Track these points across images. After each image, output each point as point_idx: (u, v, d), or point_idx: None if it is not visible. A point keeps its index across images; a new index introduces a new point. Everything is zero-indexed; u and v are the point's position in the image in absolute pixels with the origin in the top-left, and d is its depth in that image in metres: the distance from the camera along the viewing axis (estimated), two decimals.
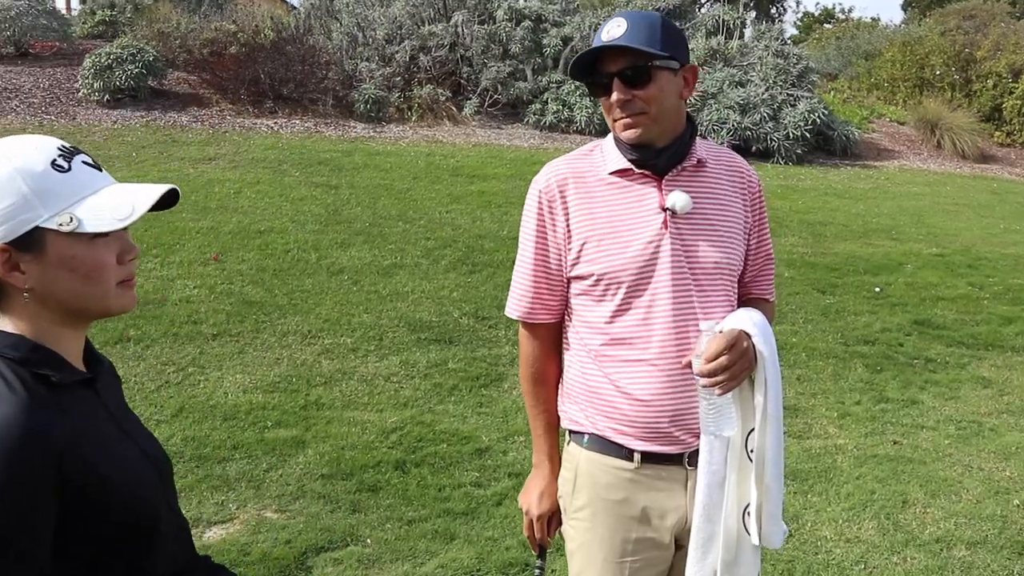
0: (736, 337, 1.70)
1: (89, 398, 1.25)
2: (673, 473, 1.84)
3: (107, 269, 1.22)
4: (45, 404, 1.15)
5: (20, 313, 1.21)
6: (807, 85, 13.03)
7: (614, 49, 1.75)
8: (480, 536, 3.46)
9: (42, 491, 1.11)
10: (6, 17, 10.96)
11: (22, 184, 1.16)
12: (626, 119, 1.78)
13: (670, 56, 1.77)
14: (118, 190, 1.23)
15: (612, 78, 1.76)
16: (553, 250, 1.88)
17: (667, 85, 1.78)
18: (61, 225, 1.16)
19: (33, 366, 1.17)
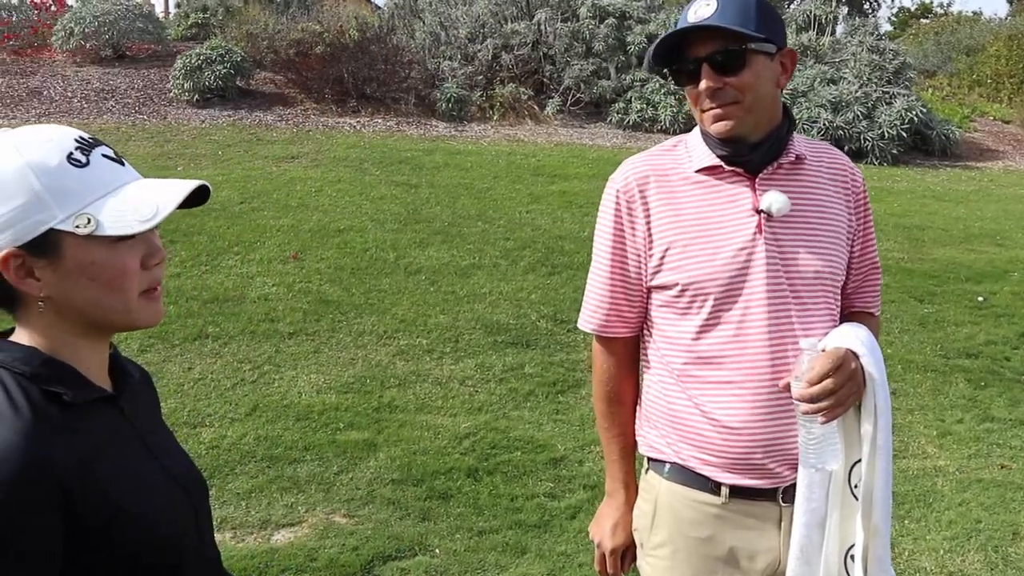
0: (842, 357, 1.50)
1: (110, 416, 1.13)
2: (765, 510, 1.63)
3: (130, 276, 1.09)
4: (52, 427, 1.03)
5: (35, 323, 1.10)
6: (904, 82, 12.44)
7: (703, 30, 1.55)
8: (552, 551, 3.33)
9: (45, 525, 1.00)
10: (106, 21, 11.33)
11: (34, 181, 1.03)
12: (716, 110, 1.59)
13: (766, 38, 1.56)
14: (142, 187, 1.09)
15: (700, 64, 1.57)
16: (632, 257, 1.69)
17: (763, 71, 1.58)
18: (78, 227, 1.04)
19: (44, 382, 1.06)
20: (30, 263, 1.06)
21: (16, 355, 1.08)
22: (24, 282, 1.06)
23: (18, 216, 1.04)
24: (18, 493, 0.97)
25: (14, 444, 0.99)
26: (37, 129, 1.09)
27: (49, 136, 1.07)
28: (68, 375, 1.09)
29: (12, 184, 1.04)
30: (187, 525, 1.17)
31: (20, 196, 1.03)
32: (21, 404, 1.03)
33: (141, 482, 1.12)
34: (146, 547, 1.09)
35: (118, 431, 1.13)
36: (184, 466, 1.23)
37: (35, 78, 10.81)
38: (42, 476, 0.99)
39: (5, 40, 11.73)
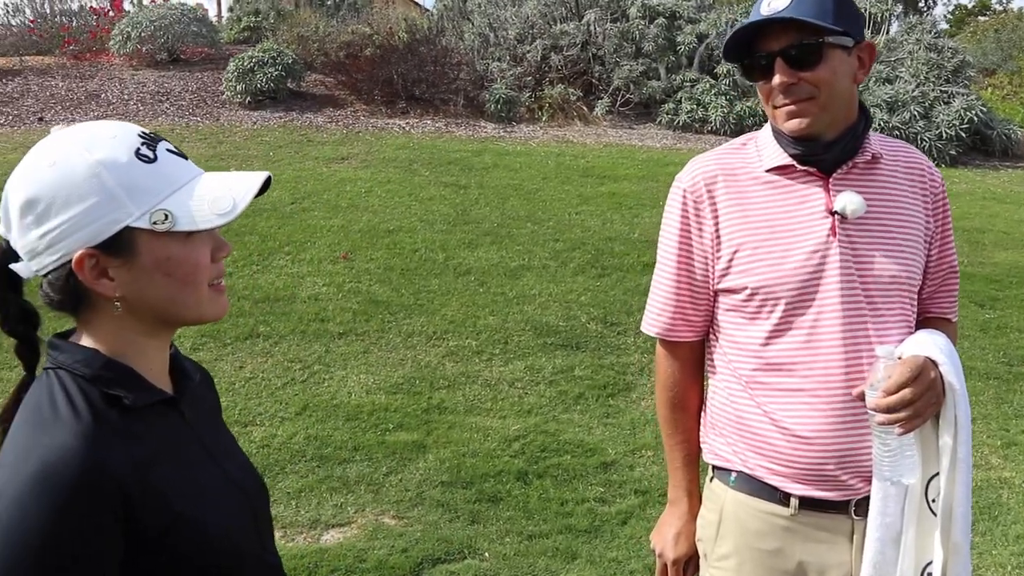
0: (921, 366, 1.43)
1: (170, 420, 1.11)
2: (836, 523, 1.57)
3: (203, 269, 1.08)
4: (112, 431, 1.02)
5: (102, 325, 1.08)
6: (963, 81, 12.10)
7: (777, 23, 1.48)
8: (604, 557, 3.28)
9: (104, 536, 0.98)
10: (162, 25, 11.53)
11: (108, 179, 1.01)
12: (790, 107, 1.52)
13: (844, 31, 1.50)
14: (211, 181, 1.08)
15: (773, 58, 1.51)
16: (698, 258, 1.63)
17: (840, 66, 1.51)
18: (156, 224, 1.02)
19: (104, 385, 1.04)
20: (104, 263, 1.04)
21: (77, 357, 1.06)
22: (98, 283, 1.04)
23: (92, 216, 1.02)
24: (77, 498, 0.96)
25: (74, 448, 0.97)
26: (99, 126, 1.07)
27: (114, 133, 1.06)
28: (129, 378, 1.07)
29: (85, 183, 1.02)
30: (246, 531, 1.15)
31: (93, 195, 1.02)
32: (81, 407, 1.01)
33: (201, 487, 1.09)
34: (205, 553, 1.06)
35: (178, 435, 1.11)
36: (244, 470, 1.21)
37: (93, 81, 11.05)
38: (101, 481, 0.98)
39: (66, 45, 12.02)
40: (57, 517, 0.94)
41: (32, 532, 0.94)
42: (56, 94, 10.55)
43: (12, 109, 10.05)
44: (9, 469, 0.97)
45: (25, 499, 0.94)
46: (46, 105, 10.20)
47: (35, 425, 1.00)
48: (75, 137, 1.05)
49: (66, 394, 1.02)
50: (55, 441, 0.97)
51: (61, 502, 0.94)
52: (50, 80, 11.02)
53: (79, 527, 0.96)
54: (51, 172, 1.02)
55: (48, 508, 0.94)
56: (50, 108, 10.11)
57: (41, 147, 1.05)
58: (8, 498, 0.95)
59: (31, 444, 0.98)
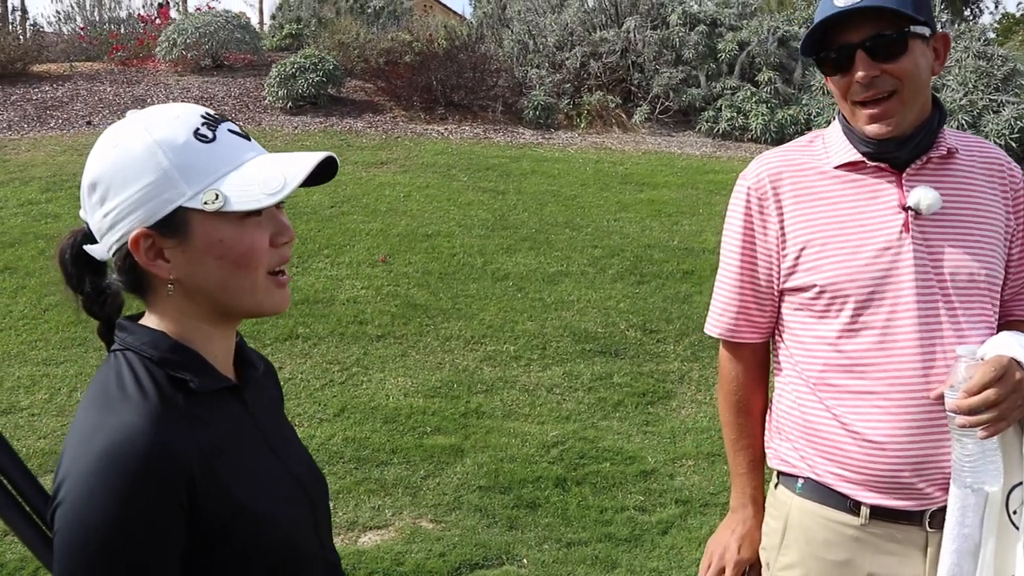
0: (1006, 366, 1.35)
1: (234, 409, 1.09)
2: (909, 534, 1.49)
3: (259, 254, 1.05)
4: (180, 414, 1.00)
5: (164, 308, 1.06)
6: (1013, 89, 11.85)
7: (857, 13, 1.41)
8: (644, 567, 3.21)
9: (168, 519, 0.95)
10: (206, 32, 11.70)
11: (163, 158, 1.01)
12: (872, 109, 1.45)
13: (924, 20, 1.43)
14: (267, 161, 1.05)
15: (854, 50, 1.43)
16: (763, 257, 1.58)
17: (921, 58, 1.45)
18: (206, 203, 1.00)
19: (171, 368, 1.03)
20: (160, 244, 1.03)
21: (144, 338, 1.05)
22: (154, 264, 1.03)
23: (148, 195, 1.01)
24: (143, 479, 0.94)
25: (141, 428, 0.95)
26: (165, 107, 1.06)
27: (176, 114, 1.05)
28: (195, 362, 1.05)
29: (142, 162, 1.01)
30: (306, 526, 1.11)
31: (149, 174, 1.01)
32: (148, 388, 1.00)
33: (262, 480, 1.07)
34: (265, 548, 1.03)
35: (241, 424, 1.09)
36: (305, 464, 1.18)
37: (140, 87, 11.23)
38: (168, 463, 0.95)
39: (114, 51, 12.24)
40: (123, 498, 0.92)
41: (98, 512, 0.92)
42: (104, 99, 10.74)
43: (62, 113, 10.25)
44: (76, 448, 0.96)
45: (91, 479, 0.93)
46: (94, 109, 10.38)
47: (102, 405, 0.99)
48: (140, 118, 1.05)
49: (134, 375, 1.01)
50: (122, 421, 0.96)
51: (127, 483, 0.93)
52: (98, 85, 11.22)
53: (144, 508, 0.94)
54: (113, 153, 1.03)
55: (114, 488, 0.92)
56: (98, 112, 10.29)
57: (110, 129, 1.06)
58: (74, 478, 0.94)
59: (98, 423, 0.97)
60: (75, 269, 1.07)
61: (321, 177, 1.08)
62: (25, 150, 8.72)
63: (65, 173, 7.83)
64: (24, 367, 4.61)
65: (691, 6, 12.55)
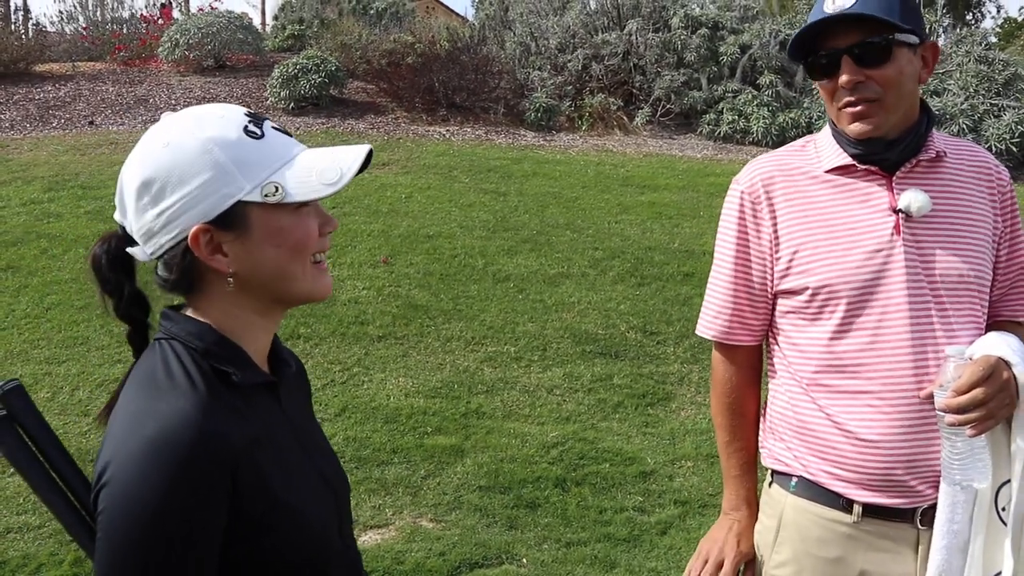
0: (994, 365, 1.38)
1: (270, 404, 1.11)
2: (901, 531, 1.52)
3: (312, 240, 1.09)
4: (225, 405, 1.02)
5: (214, 303, 1.08)
6: (1014, 94, 11.87)
7: (843, 20, 1.45)
8: (643, 567, 3.23)
9: (214, 504, 0.97)
10: (208, 33, 11.73)
11: (219, 155, 1.04)
12: (855, 108, 1.49)
13: (910, 29, 1.46)
14: (316, 155, 1.09)
15: (840, 56, 1.47)
16: (756, 260, 1.61)
17: (906, 65, 1.48)
18: (267, 196, 1.04)
19: (215, 360, 1.05)
20: (218, 238, 1.05)
21: (191, 329, 1.07)
22: (213, 258, 1.06)
23: (206, 191, 1.04)
24: (193, 466, 0.96)
25: (191, 416, 0.97)
26: (207, 108, 1.09)
27: (221, 113, 1.08)
28: (237, 356, 1.08)
29: (198, 160, 1.04)
30: (332, 524, 1.13)
31: (207, 171, 1.04)
32: (196, 377, 1.02)
33: (295, 477, 1.08)
34: (298, 544, 1.05)
35: (275, 420, 1.11)
36: (332, 464, 1.20)
37: (142, 87, 11.26)
38: (215, 452, 0.97)
39: (116, 51, 12.27)
40: (172, 480, 0.94)
41: (147, 493, 0.94)
42: (106, 99, 10.76)
43: (65, 113, 10.27)
44: (124, 431, 0.98)
45: (141, 463, 0.95)
46: (96, 109, 10.41)
47: (150, 391, 1.00)
48: (185, 119, 1.07)
49: (180, 363, 1.03)
50: (172, 407, 0.98)
51: (177, 468, 0.94)
52: (101, 85, 11.25)
53: (192, 491, 0.95)
54: (165, 152, 1.05)
55: (164, 473, 0.94)
56: (100, 112, 10.31)
57: (153, 131, 1.08)
58: (122, 459, 0.96)
59: (147, 408, 0.98)
60: (112, 274, 1.08)
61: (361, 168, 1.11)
62: (28, 150, 8.75)
63: (67, 173, 7.85)
64: (26, 366, 4.63)
65: (693, 9, 12.57)
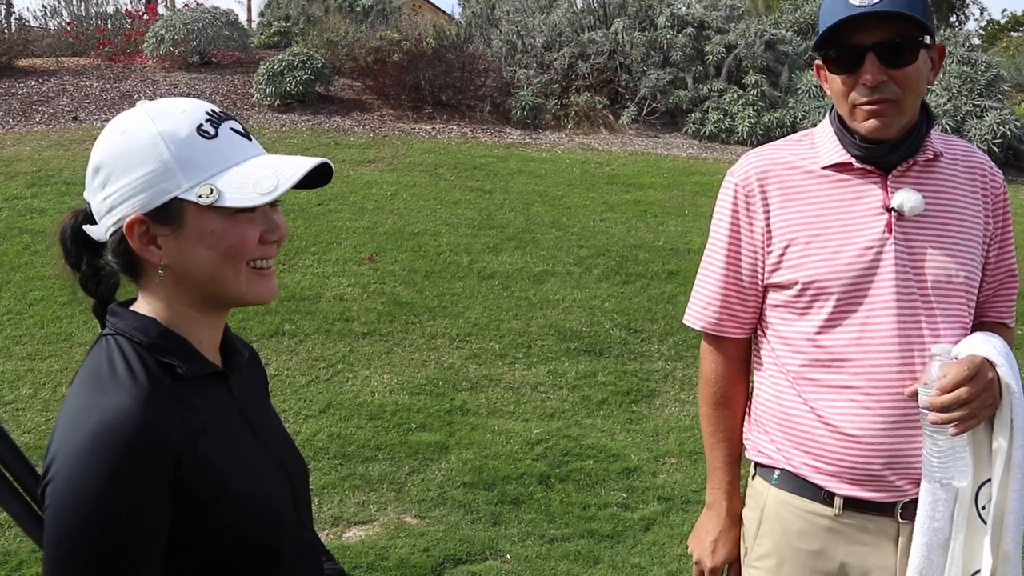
0: (978, 365, 1.40)
1: (220, 394, 1.14)
2: (881, 525, 1.53)
3: (246, 247, 1.10)
4: (167, 397, 1.05)
5: (155, 293, 1.11)
6: (996, 95, 11.98)
7: (872, 15, 1.43)
8: (626, 563, 3.25)
9: (156, 495, 1.00)
10: (194, 29, 11.67)
11: (164, 150, 1.06)
12: (873, 107, 1.48)
13: (931, 30, 1.47)
14: (265, 161, 1.10)
15: (865, 52, 1.45)
16: (747, 254, 1.61)
17: (923, 67, 1.48)
18: (200, 197, 1.06)
19: (160, 353, 1.08)
20: (154, 230, 1.08)
21: (135, 324, 1.09)
22: (147, 249, 1.08)
23: (147, 183, 1.07)
24: (133, 456, 0.98)
25: (131, 410, 1.00)
26: (173, 101, 1.11)
27: (183, 108, 1.10)
28: (182, 348, 1.10)
29: (144, 152, 1.07)
30: (286, 507, 1.16)
31: (151, 163, 1.07)
32: (139, 372, 1.05)
33: (245, 462, 1.11)
34: (246, 526, 1.08)
35: (226, 409, 1.14)
36: (287, 449, 1.23)
37: (127, 82, 11.19)
38: (156, 443, 1.00)
39: (101, 47, 12.19)
40: (113, 473, 0.98)
41: (89, 486, 0.97)
42: (90, 94, 10.70)
43: (48, 108, 10.20)
44: (68, 426, 1.01)
45: (83, 457, 0.98)
46: (80, 105, 10.34)
47: (94, 386, 1.04)
48: (148, 109, 1.10)
49: (124, 359, 1.06)
50: (113, 401, 1.01)
51: (118, 459, 0.98)
52: (85, 81, 11.18)
53: (134, 483, 0.99)
54: (119, 139, 1.09)
55: (105, 464, 0.98)
56: (84, 108, 10.25)
57: (120, 116, 1.12)
58: (66, 454, 0.99)
59: (90, 403, 1.02)
60: (74, 247, 1.13)
61: (315, 181, 1.13)
62: (10, 145, 8.68)
63: (50, 169, 7.80)
64: (8, 362, 4.61)
65: (679, 8, 12.60)
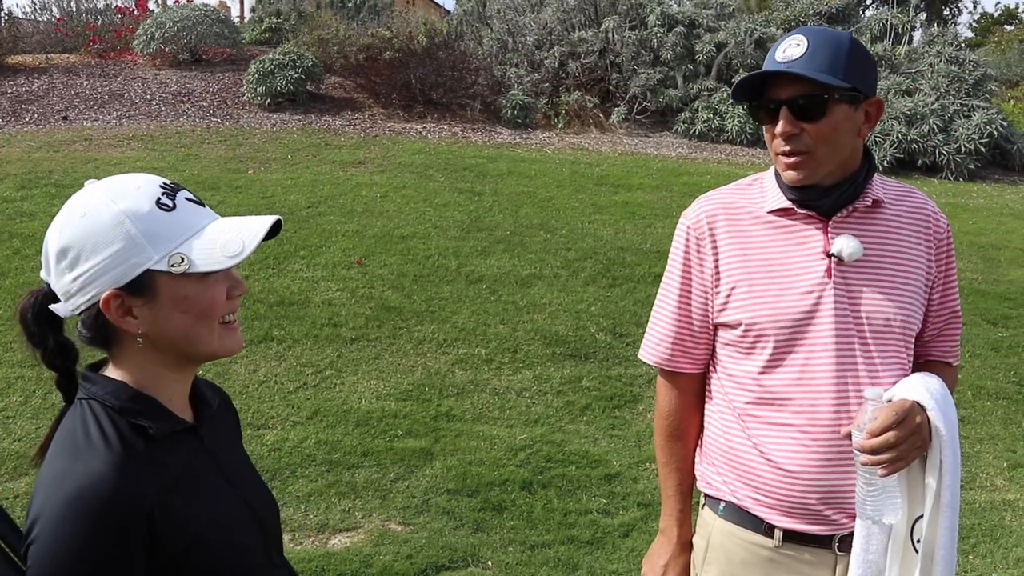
0: (908, 410, 1.47)
1: (192, 446, 1.21)
2: (820, 556, 1.62)
3: (218, 306, 1.18)
4: (139, 459, 1.11)
5: (128, 359, 1.18)
6: (984, 94, 12.05)
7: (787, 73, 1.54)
8: (604, 569, 3.32)
9: (132, 553, 1.07)
10: (185, 26, 11.67)
11: (130, 227, 1.13)
12: (789, 158, 1.57)
13: (852, 88, 1.54)
14: (224, 225, 1.18)
15: (780, 106, 1.56)
16: (698, 293, 1.70)
17: (843, 122, 1.55)
18: (173, 267, 1.13)
19: (131, 416, 1.15)
20: (129, 302, 1.15)
21: (107, 389, 1.16)
22: (123, 320, 1.15)
23: (117, 260, 1.13)
24: (108, 521, 1.05)
25: (105, 476, 1.07)
26: (125, 179, 1.18)
27: (137, 185, 1.16)
28: (153, 409, 1.17)
29: (110, 231, 1.13)
30: (256, 548, 1.23)
31: (118, 241, 1.13)
32: (112, 437, 1.11)
33: (216, 510, 1.18)
34: (217, 571, 1.15)
35: (198, 461, 1.20)
36: (259, 494, 1.30)
37: (117, 80, 11.20)
38: (130, 506, 1.07)
39: (91, 44, 12.18)
40: (90, 536, 1.04)
41: (68, 551, 1.04)
42: (80, 93, 10.70)
43: (38, 107, 10.21)
44: (46, 491, 1.08)
45: (61, 522, 1.05)
46: (70, 104, 10.35)
47: (70, 452, 1.10)
48: (103, 189, 1.16)
49: (98, 424, 1.13)
50: (88, 468, 1.08)
51: (93, 524, 1.05)
52: (75, 79, 11.18)
53: (109, 546, 1.05)
54: (82, 222, 1.14)
55: (82, 528, 1.04)
56: (74, 107, 10.26)
57: (74, 199, 1.17)
58: (46, 519, 1.06)
59: (66, 469, 1.08)
60: (37, 328, 1.18)
61: (270, 234, 1.20)
62: (0, 146, 8.70)
63: (40, 170, 7.82)
64: None
65: (669, 7, 12.65)
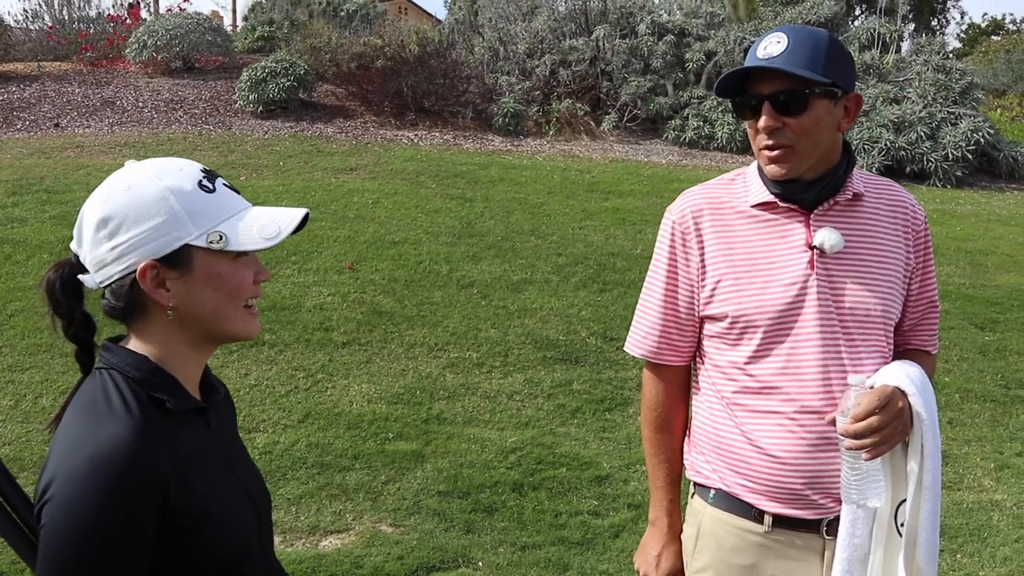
0: (889, 395, 1.51)
1: (200, 428, 1.24)
2: (808, 541, 1.65)
3: (246, 287, 1.23)
4: (158, 430, 1.15)
5: (153, 333, 1.22)
6: (970, 102, 12.16)
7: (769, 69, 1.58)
8: (595, 569, 3.34)
9: (144, 519, 1.10)
10: (177, 34, 11.69)
11: (174, 202, 1.18)
12: (771, 152, 1.62)
13: (832, 83, 1.58)
14: (260, 212, 1.24)
15: (762, 101, 1.60)
16: (684, 287, 1.73)
17: (824, 116, 1.60)
18: (211, 243, 1.18)
19: (150, 388, 1.18)
20: (164, 274, 1.19)
21: (129, 360, 1.19)
22: (157, 292, 1.19)
23: (158, 232, 1.17)
24: (126, 484, 1.08)
25: (126, 440, 1.10)
26: (169, 160, 1.23)
27: (180, 167, 1.22)
28: (171, 384, 1.20)
29: (154, 205, 1.18)
30: (253, 536, 1.26)
31: (161, 215, 1.18)
32: (132, 405, 1.14)
33: (221, 492, 1.22)
34: (221, 551, 1.18)
35: (205, 442, 1.24)
36: (254, 480, 1.33)
37: (109, 88, 11.20)
38: (148, 473, 1.10)
39: (83, 51, 12.19)
40: (107, 499, 1.07)
41: (85, 512, 1.07)
42: (72, 100, 10.70)
43: (29, 115, 10.20)
44: (65, 452, 1.11)
45: (80, 482, 1.07)
46: (62, 111, 10.35)
47: (89, 417, 1.13)
48: (148, 166, 1.22)
49: (119, 392, 1.16)
50: (108, 432, 1.11)
51: (111, 486, 1.07)
52: (67, 86, 11.18)
53: (124, 508, 1.08)
54: (126, 195, 1.19)
55: (100, 489, 1.07)
56: (66, 114, 10.25)
57: (117, 175, 1.22)
58: (63, 480, 1.08)
59: (85, 432, 1.11)
60: (65, 298, 1.22)
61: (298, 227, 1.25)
62: None
63: (32, 177, 7.82)
64: None
65: (660, 16, 12.73)
